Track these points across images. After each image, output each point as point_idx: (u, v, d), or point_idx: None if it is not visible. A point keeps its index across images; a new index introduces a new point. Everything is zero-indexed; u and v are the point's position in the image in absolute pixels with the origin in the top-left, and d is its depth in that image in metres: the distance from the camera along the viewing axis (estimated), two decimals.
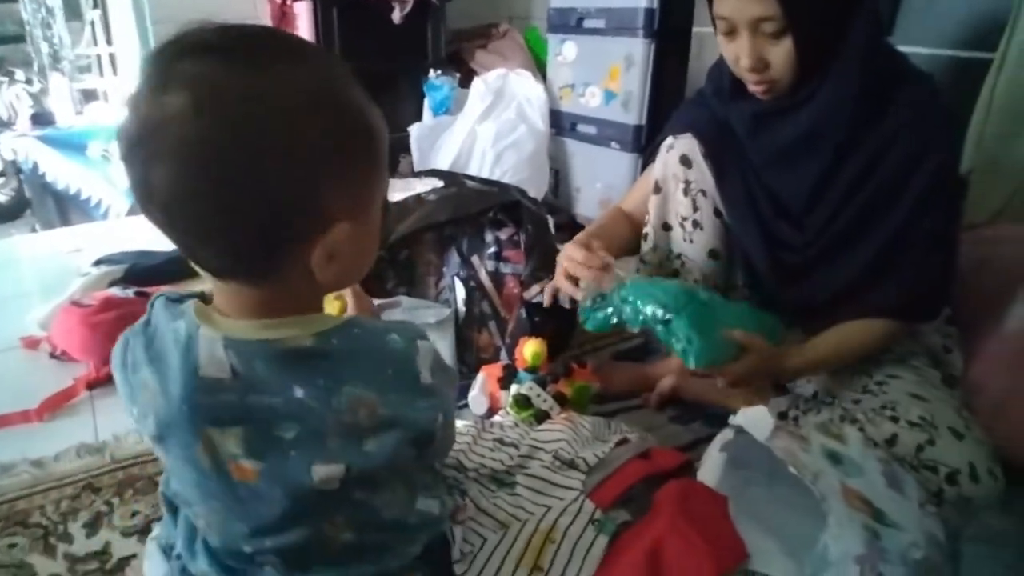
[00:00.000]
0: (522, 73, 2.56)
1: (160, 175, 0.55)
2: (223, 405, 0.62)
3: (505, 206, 1.48)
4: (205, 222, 0.56)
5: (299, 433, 0.62)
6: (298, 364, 0.62)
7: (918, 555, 0.75)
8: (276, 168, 0.55)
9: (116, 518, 1.14)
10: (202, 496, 0.67)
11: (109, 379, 1.53)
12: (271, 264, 0.60)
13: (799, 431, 0.92)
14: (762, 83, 1.10)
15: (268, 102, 0.55)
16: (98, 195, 2.98)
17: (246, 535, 0.67)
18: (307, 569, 0.69)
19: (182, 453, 0.65)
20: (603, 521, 0.85)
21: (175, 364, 0.62)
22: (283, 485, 0.64)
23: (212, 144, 0.54)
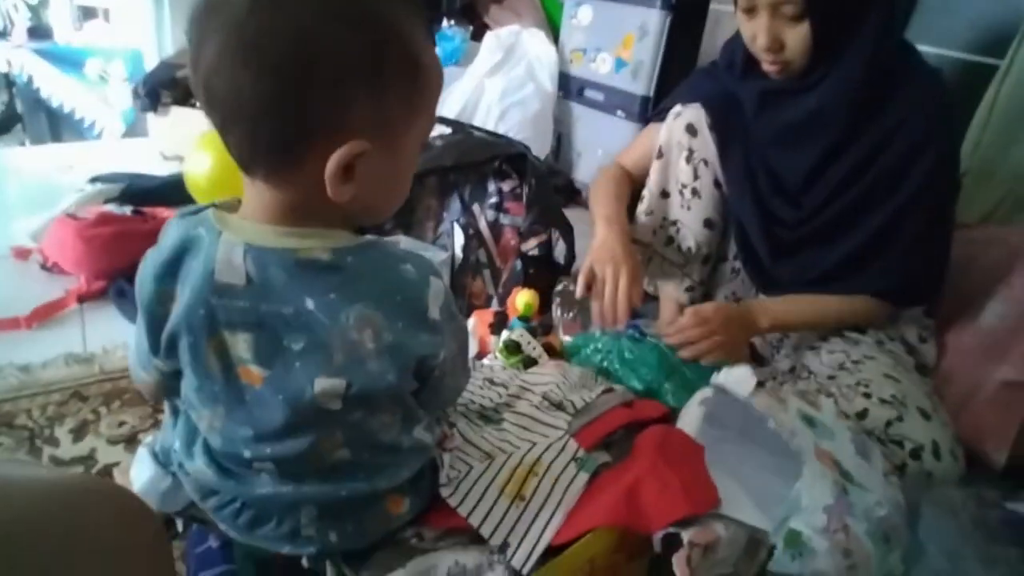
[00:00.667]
0: (535, 32, 2.55)
1: (208, 49, 0.58)
2: (236, 310, 0.64)
3: (510, 158, 1.49)
4: (237, 101, 0.59)
5: (306, 345, 0.65)
6: (313, 275, 0.64)
7: (881, 512, 0.79)
8: (309, 64, 0.57)
9: (103, 426, 1.16)
10: (208, 399, 0.69)
11: (100, 293, 1.54)
12: (290, 161, 0.61)
13: (778, 393, 0.95)
14: (776, 63, 1.12)
15: (320, 4, 0.58)
16: (93, 115, 2.95)
17: (247, 439, 0.69)
18: (300, 480, 0.72)
19: (192, 356, 0.67)
20: (585, 460, 0.88)
21: (195, 268, 0.65)
22: (285, 394, 0.66)
23: (255, 28, 0.57)
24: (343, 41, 0.58)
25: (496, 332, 1.28)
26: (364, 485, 0.73)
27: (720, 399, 0.98)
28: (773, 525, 0.79)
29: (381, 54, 0.60)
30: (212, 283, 0.64)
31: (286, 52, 0.57)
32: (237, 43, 0.57)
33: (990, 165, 1.51)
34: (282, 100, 0.58)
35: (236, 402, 0.68)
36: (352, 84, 0.60)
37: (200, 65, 0.59)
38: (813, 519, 0.75)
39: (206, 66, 0.59)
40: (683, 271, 1.44)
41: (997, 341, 1.25)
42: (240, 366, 0.67)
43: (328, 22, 0.58)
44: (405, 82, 0.63)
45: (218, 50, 0.58)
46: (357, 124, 0.61)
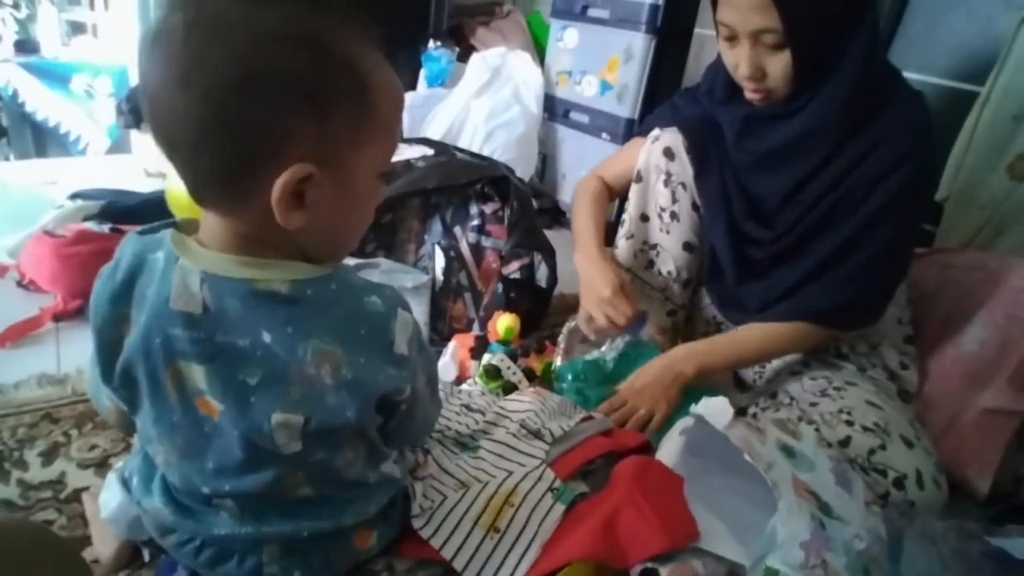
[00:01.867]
0: (521, 54, 2.55)
1: (152, 78, 0.58)
2: (192, 340, 0.62)
3: (493, 180, 1.49)
4: (177, 128, 0.58)
5: (262, 379, 0.63)
6: (270, 308, 0.62)
7: (860, 546, 0.78)
8: (244, 88, 0.56)
9: (73, 450, 1.13)
10: (166, 431, 0.67)
11: (76, 312, 1.51)
12: (236, 190, 0.60)
13: (756, 424, 0.95)
14: (759, 91, 1.12)
15: (255, 27, 0.57)
16: (78, 130, 2.93)
17: (206, 473, 0.67)
18: (261, 518, 0.70)
19: (150, 384, 0.66)
20: (562, 490, 0.87)
21: (150, 293, 0.63)
22: (241, 429, 0.64)
23: (191, 54, 0.56)
24: (280, 64, 0.57)
25: (476, 356, 1.27)
26: (327, 523, 0.71)
27: (701, 428, 0.97)
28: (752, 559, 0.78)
29: (322, 76, 0.59)
30: (168, 311, 0.62)
31: (221, 76, 0.56)
32: (176, 70, 0.56)
33: (971, 191, 1.51)
34: (220, 126, 0.57)
35: (195, 433, 0.66)
36: (292, 107, 0.58)
37: (146, 94, 0.59)
38: (790, 556, 0.74)
39: (151, 95, 0.58)
40: (664, 295, 1.44)
41: (978, 367, 1.25)
42: (197, 397, 0.65)
43: (263, 45, 0.56)
44: (350, 105, 0.61)
45: (160, 77, 0.57)
46: (300, 149, 0.59)
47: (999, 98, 1.44)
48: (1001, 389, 1.21)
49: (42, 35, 3.01)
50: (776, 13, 1.01)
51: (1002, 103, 1.43)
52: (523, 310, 1.40)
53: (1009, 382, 1.21)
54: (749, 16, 1.04)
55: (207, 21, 0.56)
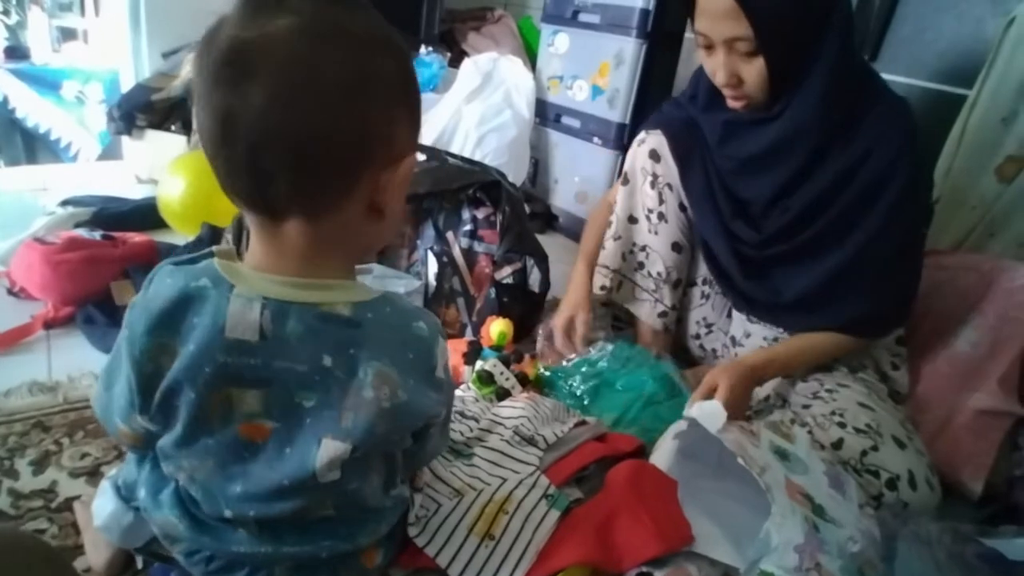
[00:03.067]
0: (513, 59, 2.55)
1: (253, 95, 0.56)
2: (247, 367, 0.62)
3: (485, 185, 1.49)
4: (297, 143, 0.58)
5: (317, 403, 0.64)
6: (332, 330, 0.63)
7: (855, 548, 0.78)
8: (363, 92, 0.59)
9: (65, 458, 1.12)
10: (198, 452, 0.66)
11: (68, 320, 1.50)
12: (345, 189, 0.62)
13: (750, 427, 0.95)
14: (738, 98, 1.14)
15: (359, 37, 0.60)
16: (69, 137, 2.92)
17: (232, 497, 0.66)
18: (280, 538, 0.69)
19: (190, 411, 0.64)
20: (556, 496, 0.87)
21: (201, 323, 0.62)
22: (292, 447, 0.65)
23: (318, 69, 0.57)
24: (384, 64, 0.61)
25: (470, 362, 1.27)
26: (345, 544, 0.72)
27: (695, 432, 0.97)
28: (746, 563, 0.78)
29: (408, 75, 0.64)
30: (222, 340, 0.61)
31: (343, 80, 0.58)
32: (291, 80, 0.57)
33: (961, 193, 1.52)
34: (342, 128, 0.59)
35: (230, 458, 0.66)
36: (397, 105, 0.63)
37: (233, 110, 0.57)
38: (784, 559, 0.74)
39: (246, 110, 0.57)
40: (654, 296, 1.44)
41: (970, 369, 1.26)
42: (242, 422, 0.65)
43: (368, 47, 0.60)
44: (419, 102, 0.67)
45: (266, 93, 0.56)
46: (403, 143, 0.63)
47: (987, 101, 1.44)
48: (992, 391, 1.21)
49: (32, 41, 2.99)
50: (746, 21, 1.02)
51: (990, 106, 1.44)
52: (516, 315, 1.40)
53: (1000, 383, 1.21)
54: (722, 24, 1.05)
55: (320, 27, 0.58)
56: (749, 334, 1.38)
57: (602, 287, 1.49)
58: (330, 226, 0.63)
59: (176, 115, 2.38)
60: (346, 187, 0.62)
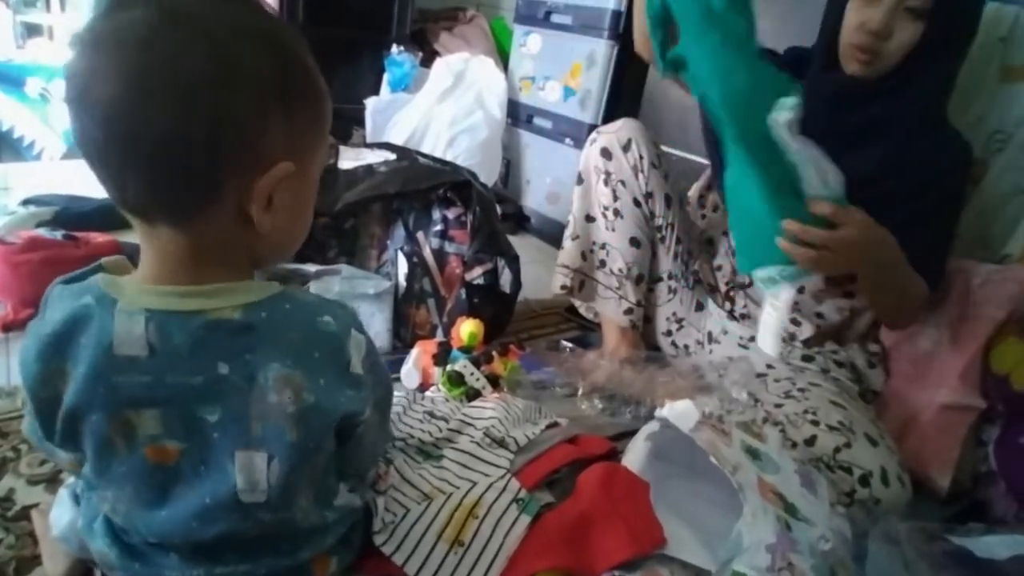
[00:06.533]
0: (484, 60, 2.55)
1: (103, 82, 0.53)
2: (139, 384, 0.59)
3: (455, 185, 1.47)
4: (148, 139, 0.54)
5: (222, 416, 0.60)
6: (223, 338, 0.59)
7: (826, 547, 0.78)
8: (224, 87, 0.54)
9: (23, 465, 1.09)
10: (114, 480, 0.64)
11: (27, 322, 1.46)
12: (202, 197, 0.57)
13: (722, 426, 0.94)
14: (868, 51, 1.13)
15: (227, 23, 0.55)
16: (32, 135, 2.85)
17: (157, 523, 0.63)
18: (216, 559, 0.66)
19: (94, 438, 0.61)
20: (527, 500, 0.85)
21: (88, 344, 0.59)
22: (207, 466, 0.61)
23: (170, 51, 0.53)
24: (256, 61, 0.55)
25: (440, 363, 1.26)
26: (286, 560, 0.68)
27: (666, 433, 0.96)
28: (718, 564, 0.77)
29: (289, 75, 0.58)
30: (111, 358, 0.58)
31: (199, 72, 0.53)
32: (141, 69, 0.52)
33: None
34: (197, 125, 0.54)
35: (145, 485, 0.62)
36: (267, 105, 0.57)
37: (88, 101, 0.54)
38: (756, 559, 0.74)
39: (99, 101, 0.53)
40: (618, 293, 1.45)
41: (933, 366, 1.27)
42: (147, 445, 0.61)
43: (239, 41, 0.55)
44: (310, 105, 0.61)
45: (117, 80, 0.52)
46: (273, 148, 0.58)
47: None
48: (954, 385, 1.23)
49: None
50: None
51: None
52: (487, 316, 1.39)
53: (961, 378, 1.23)
54: None
55: (178, 15, 0.54)
56: (726, 331, 1.39)
57: (562, 287, 1.49)
58: (201, 234, 0.59)
59: None
60: (206, 192, 0.57)
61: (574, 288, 1.50)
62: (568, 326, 1.79)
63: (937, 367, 1.26)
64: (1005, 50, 1.35)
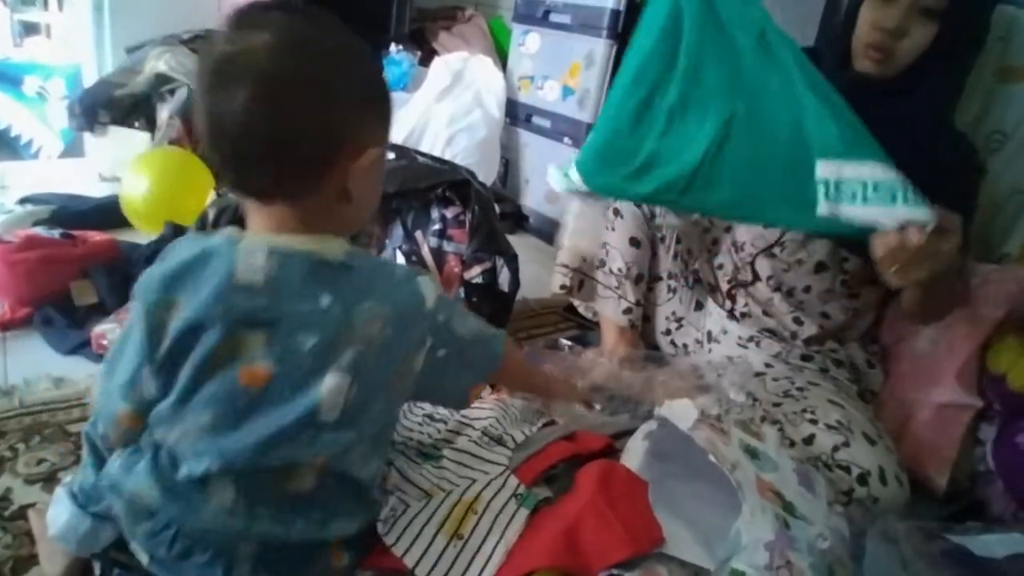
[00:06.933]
0: (483, 59, 2.55)
1: (234, 96, 0.66)
2: (254, 307, 0.69)
3: (454, 184, 1.48)
4: (276, 143, 0.68)
5: (317, 342, 0.69)
6: (329, 274, 0.71)
7: (824, 545, 0.78)
8: (334, 99, 0.70)
9: (20, 464, 1.09)
10: (196, 407, 0.70)
11: (24, 321, 1.46)
12: (318, 180, 0.71)
13: (720, 425, 0.95)
14: (882, 50, 1.13)
15: (330, 51, 0.71)
16: (30, 133, 2.84)
17: (228, 448, 0.70)
18: (253, 512, 0.71)
19: (200, 355, 0.69)
20: (525, 496, 0.86)
21: (211, 268, 0.70)
22: (293, 389, 0.70)
23: (291, 75, 0.67)
24: (353, 75, 0.73)
25: None
26: (316, 530, 0.74)
27: (664, 432, 0.96)
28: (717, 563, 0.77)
29: (373, 83, 0.76)
30: (231, 283, 0.69)
31: (317, 88, 0.69)
32: (273, 90, 0.66)
33: None
34: (314, 130, 0.69)
35: (228, 409, 0.70)
36: (360, 107, 0.73)
37: (222, 111, 0.67)
38: (754, 557, 0.74)
39: (232, 113, 0.66)
40: (617, 292, 1.45)
41: (930, 366, 1.27)
42: (244, 366, 0.69)
43: (341, 57, 0.72)
44: (384, 104, 0.77)
45: (248, 97, 0.66)
46: (365, 138, 0.73)
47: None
48: (951, 384, 1.23)
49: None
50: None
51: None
52: (485, 315, 1.38)
53: (958, 377, 1.23)
54: None
55: (295, 42, 0.68)
56: (726, 331, 1.39)
57: (562, 286, 1.49)
58: (310, 207, 0.72)
59: (140, 111, 2.33)
60: (318, 176, 0.71)
61: (573, 287, 1.50)
62: (567, 325, 1.79)
63: (935, 367, 1.26)
64: (1003, 51, 1.36)
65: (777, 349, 1.33)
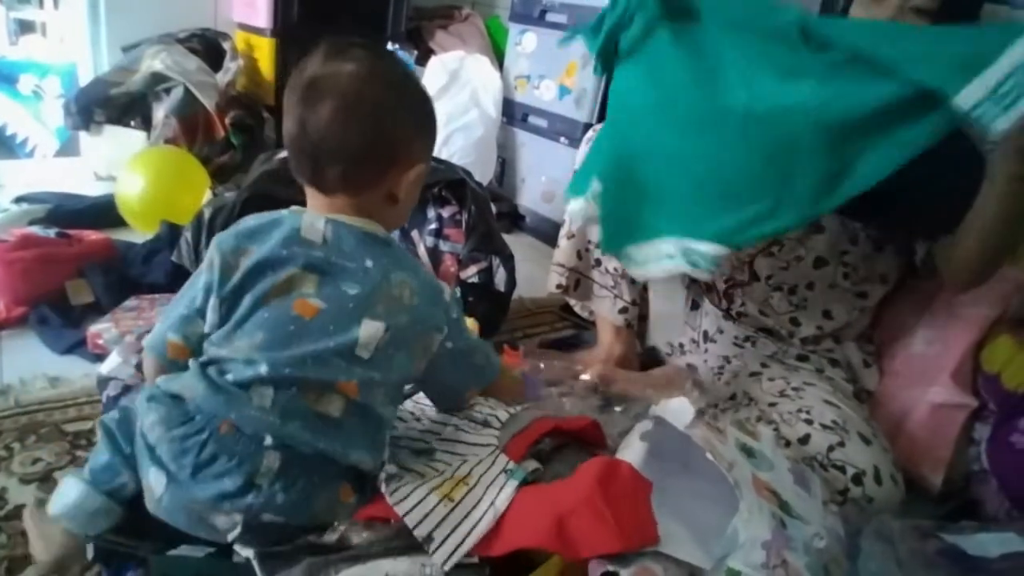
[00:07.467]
0: (480, 58, 2.55)
1: (321, 111, 0.84)
2: (312, 257, 0.86)
3: (450, 184, 1.48)
4: (350, 148, 0.85)
5: (359, 292, 0.85)
6: (373, 244, 0.89)
7: (820, 545, 0.78)
8: (400, 120, 0.88)
9: (15, 464, 1.09)
10: (252, 326, 0.84)
11: (20, 320, 1.46)
12: (375, 181, 0.88)
13: (716, 424, 0.95)
14: None
15: (400, 82, 0.90)
16: (25, 132, 2.84)
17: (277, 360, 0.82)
18: (287, 417, 0.81)
19: (263, 286, 0.84)
20: (514, 470, 0.89)
21: (280, 228, 0.87)
22: (336, 324, 0.84)
23: (367, 99, 0.85)
24: (414, 103, 0.91)
25: None
26: (337, 451, 0.83)
27: (661, 431, 0.96)
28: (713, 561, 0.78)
29: (426, 111, 0.93)
30: (297, 236, 0.86)
31: (388, 111, 0.87)
32: (352, 108, 0.84)
33: None
34: (382, 142, 0.87)
35: (279, 330, 0.83)
36: (416, 130, 0.91)
37: (307, 119, 0.84)
38: (751, 556, 0.74)
39: (318, 121, 0.84)
40: (613, 292, 1.45)
41: (925, 365, 1.27)
42: (298, 299, 0.84)
43: (403, 86, 0.90)
44: (432, 129, 0.95)
45: (331, 110, 0.83)
46: (416, 155, 0.91)
47: None
48: (946, 384, 1.23)
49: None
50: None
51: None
52: (481, 314, 1.39)
53: (952, 377, 1.23)
54: None
55: (375, 74, 0.86)
56: (722, 330, 1.39)
57: (558, 286, 1.49)
58: (363, 203, 0.89)
59: (136, 110, 2.33)
60: (377, 179, 0.88)
61: (569, 287, 1.50)
62: (563, 324, 1.80)
63: (930, 366, 1.27)
64: None
65: (773, 349, 1.34)
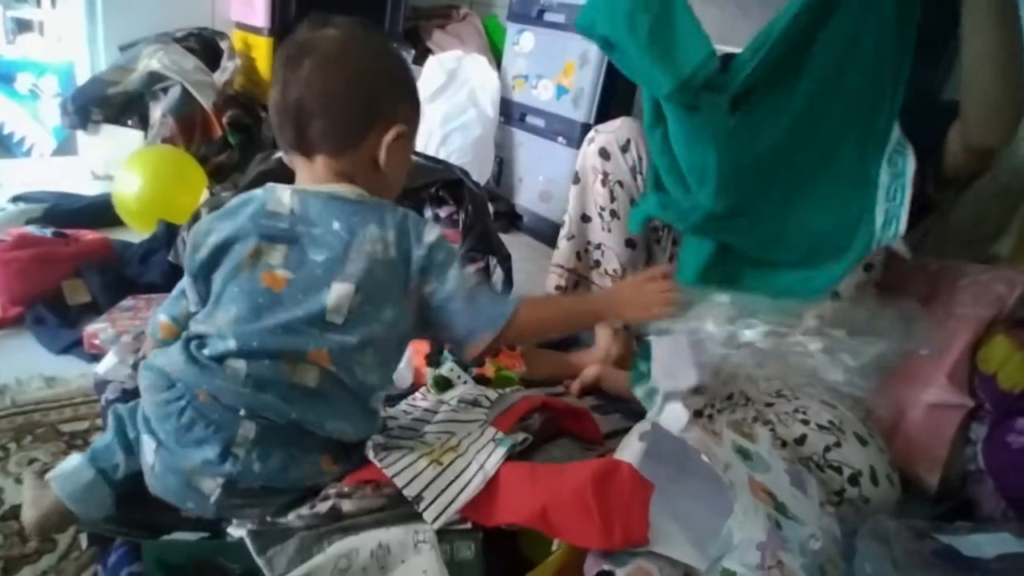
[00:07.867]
0: (477, 58, 2.55)
1: (303, 70, 0.87)
2: (278, 229, 0.87)
3: (448, 184, 1.48)
4: (331, 101, 0.88)
5: (328, 257, 0.86)
6: (341, 205, 0.88)
7: (816, 546, 0.78)
8: (380, 76, 0.92)
9: (11, 464, 1.08)
10: (227, 301, 0.87)
11: (16, 320, 1.46)
12: (356, 141, 0.90)
13: (712, 427, 0.95)
14: None
15: (379, 49, 0.96)
16: (23, 131, 2.83)
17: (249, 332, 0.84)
18: (261, 388, 0.83)
19: (231, 261, 0.87)
20: (501, 439, 0.92)
21: (248, 207, 0.89)
22: (305, 293, 0.85)
23: (346, 56, 0.89)
24: (394, 66, 0.96)
25: (432, 364, 1.26)
26: (313, 418, 0.84)
27: (656, 433, 0.96)
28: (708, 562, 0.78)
29: (408, 78, 0.97)
30: (264, 210, 0.88)
31: (364, 68, 0.90)
32: (331, 64, 0.88)
33: None
34: (362, 98, 0.89)
35: (252, 304, 0.85)
36: (398, 92, 0.94)
37: (296, 75, 0.88)
38: (746, 557, 0.74)
39: (304, 76, 0.87)
40: None
41: (922, 366, 1.28)
42: (265, 271, 0.86)
43: (385, 53, 0.97)
44: (414, 96, 0.97)
45: (312, 67, 0.87)
46: (397, 117, 0.92)
47: None
48: (942, 384, 1.24)
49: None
50: None
51: None
52: None
53: (949, 377, 1.24)
54: None
55: (354, 40, 0.91)
56: None
57: (557, 287, 1.49)
58: (348, 165, 0.90)
59: (133, 109, 2.33)
60: (357, 137, 0.90)
61: (568, 288, 1.50)
62: None
63: (926, 366, 1.27)
64: None
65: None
